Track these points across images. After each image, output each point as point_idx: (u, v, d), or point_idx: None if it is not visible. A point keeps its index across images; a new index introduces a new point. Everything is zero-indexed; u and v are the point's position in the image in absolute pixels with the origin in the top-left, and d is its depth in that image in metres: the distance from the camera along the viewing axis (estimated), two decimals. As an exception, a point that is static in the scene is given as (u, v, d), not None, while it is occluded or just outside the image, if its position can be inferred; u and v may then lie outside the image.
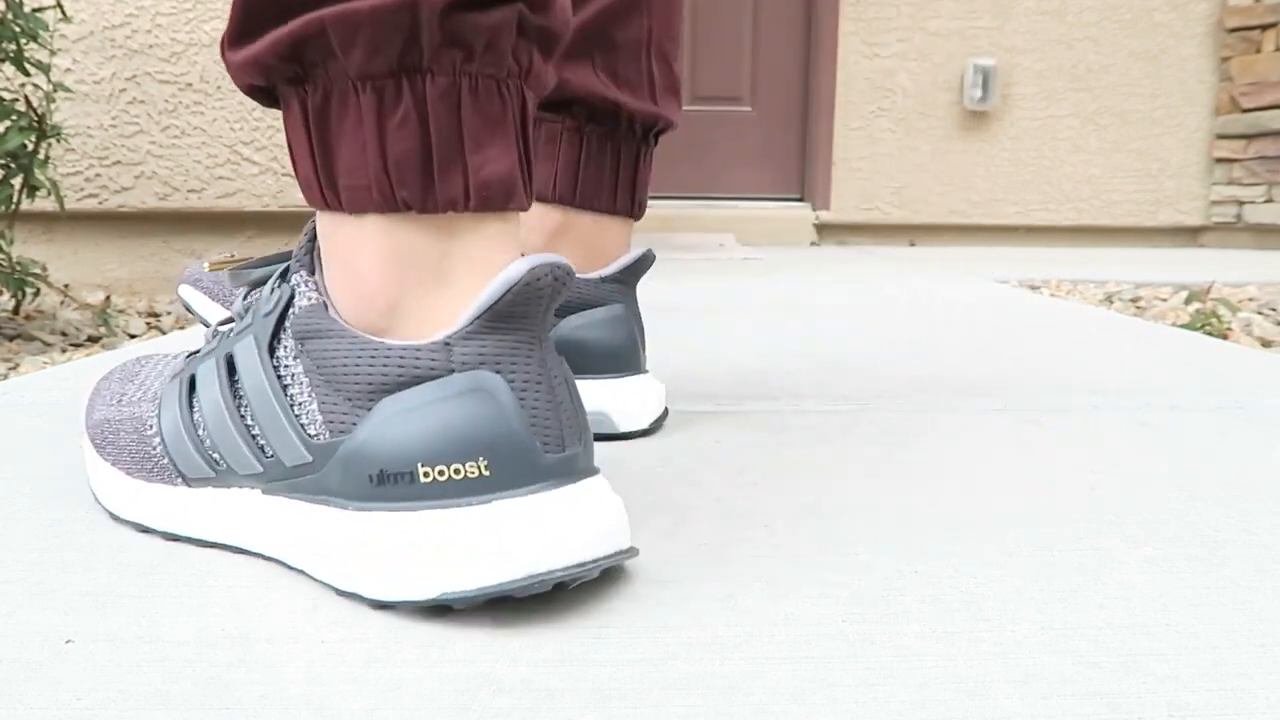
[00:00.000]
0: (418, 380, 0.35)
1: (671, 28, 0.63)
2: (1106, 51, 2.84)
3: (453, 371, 0.35)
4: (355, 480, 0.35)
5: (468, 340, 0.35)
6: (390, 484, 0.34)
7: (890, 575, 0.38)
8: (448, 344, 0.35)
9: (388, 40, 0.34)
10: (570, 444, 0.36)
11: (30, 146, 1.25)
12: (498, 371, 0.35)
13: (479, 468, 0.34)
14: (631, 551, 0.37)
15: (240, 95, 1.64)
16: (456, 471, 0.34)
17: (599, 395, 0.59)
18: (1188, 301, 1.63)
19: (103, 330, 1.32)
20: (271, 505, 0.38)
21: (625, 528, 0.37)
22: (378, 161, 0.35)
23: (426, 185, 0.35)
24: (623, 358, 0.60)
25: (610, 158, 0.62)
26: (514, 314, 0.35)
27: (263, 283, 0.42)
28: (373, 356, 0.35)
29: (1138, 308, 1.63)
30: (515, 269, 0.35)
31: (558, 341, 0.59)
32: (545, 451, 0.35)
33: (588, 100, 0.60)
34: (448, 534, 0.34)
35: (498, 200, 0.37)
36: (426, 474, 0.34)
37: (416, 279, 0.36)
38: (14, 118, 1.22)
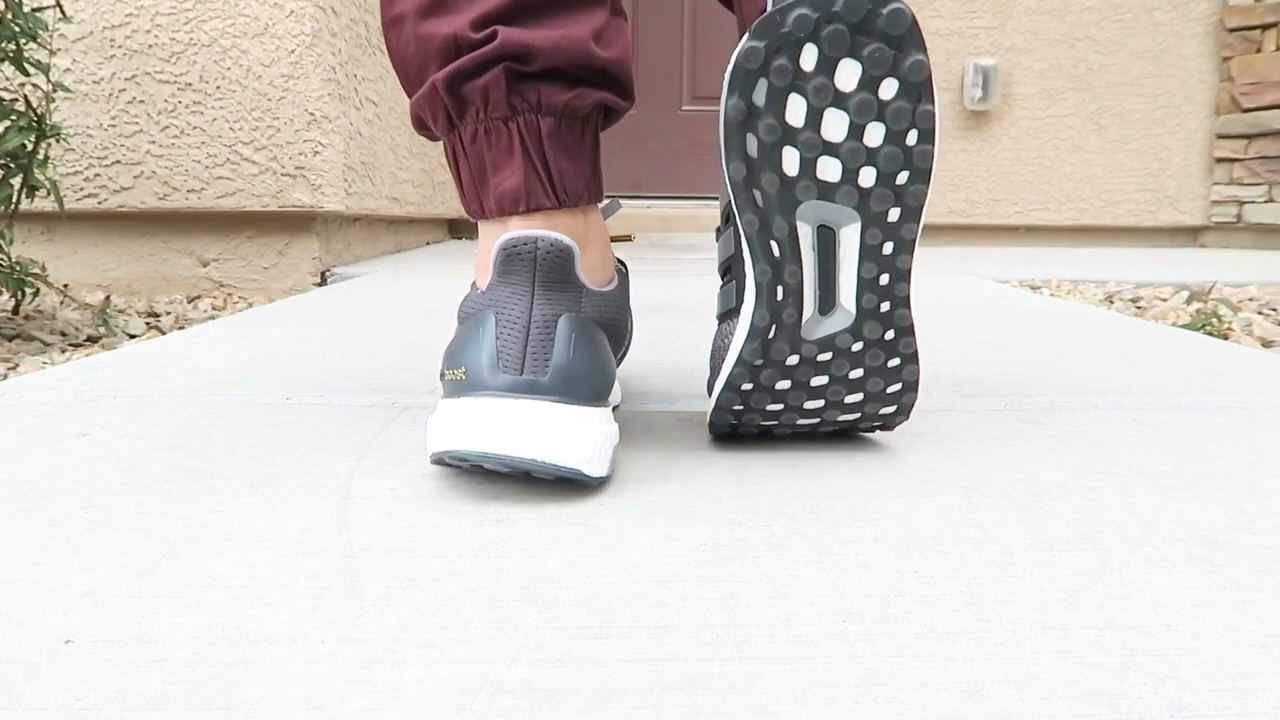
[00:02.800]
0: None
1: None
2: (1107, 51, 2.84)
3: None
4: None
5: (484, 293, 0.49)
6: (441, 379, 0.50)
7: (890, 575, 0.38)
8: (475, 286, 0.52)
9: (437, 111, 0.51)
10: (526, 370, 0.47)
11: (30, 146, 1.25)
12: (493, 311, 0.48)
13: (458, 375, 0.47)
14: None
15: (240, 95, 1.64)
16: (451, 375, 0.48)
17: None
18: (1188, 301, 1.62)
19: (102, 330, 1.31)
20: None
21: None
22: (458, 188, 0.53)
23: (472, 201, 0.52)
24: None
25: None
26: (506, 271, 0.48)
27: None
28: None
29: (1138, 308, 1.63)
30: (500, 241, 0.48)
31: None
32: (502, 370, 0.46)
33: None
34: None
35: (511, 207, 0.51)
36: (443, 375, 0.49)
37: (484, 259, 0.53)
38: (13, 118, 1.22)
